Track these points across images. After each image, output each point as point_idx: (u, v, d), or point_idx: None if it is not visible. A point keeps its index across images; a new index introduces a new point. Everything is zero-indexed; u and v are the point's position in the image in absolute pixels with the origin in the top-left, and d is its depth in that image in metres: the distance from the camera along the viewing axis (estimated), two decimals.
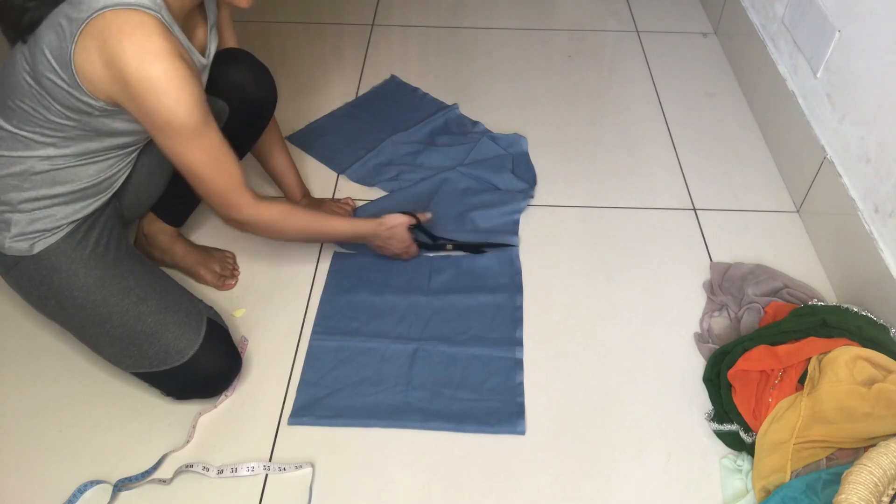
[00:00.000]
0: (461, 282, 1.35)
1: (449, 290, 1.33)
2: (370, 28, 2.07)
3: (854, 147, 1.32)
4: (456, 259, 1.39)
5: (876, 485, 0.83)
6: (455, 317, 1.29)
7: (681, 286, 1.35)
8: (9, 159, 1.00)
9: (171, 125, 0.95)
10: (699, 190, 1.56)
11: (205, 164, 1.02)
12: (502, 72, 1.91)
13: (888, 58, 1.23)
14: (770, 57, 1.67)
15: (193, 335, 1.08)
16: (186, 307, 1.10)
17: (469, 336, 1.25)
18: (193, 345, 1.07)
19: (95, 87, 0.93)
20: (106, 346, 1.08)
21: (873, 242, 1.24)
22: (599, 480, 1.07)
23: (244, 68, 1.25)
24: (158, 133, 0.97)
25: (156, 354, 1.06)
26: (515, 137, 1.66)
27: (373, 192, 1.54)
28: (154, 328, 1.06)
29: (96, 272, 1.06)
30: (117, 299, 1.06)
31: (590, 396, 1.18)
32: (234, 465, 1.07)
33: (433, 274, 1.36)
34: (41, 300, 1.08)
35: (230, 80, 1.22)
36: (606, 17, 2.16)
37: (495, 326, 1.27)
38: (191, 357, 1.06)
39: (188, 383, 1.11)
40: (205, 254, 1.36)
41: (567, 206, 1.52)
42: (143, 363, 1.07)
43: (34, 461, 1.08)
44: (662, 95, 1.83)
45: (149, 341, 1.06)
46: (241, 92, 1.23)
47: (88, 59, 0.90)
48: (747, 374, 1.11)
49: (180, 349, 1.06)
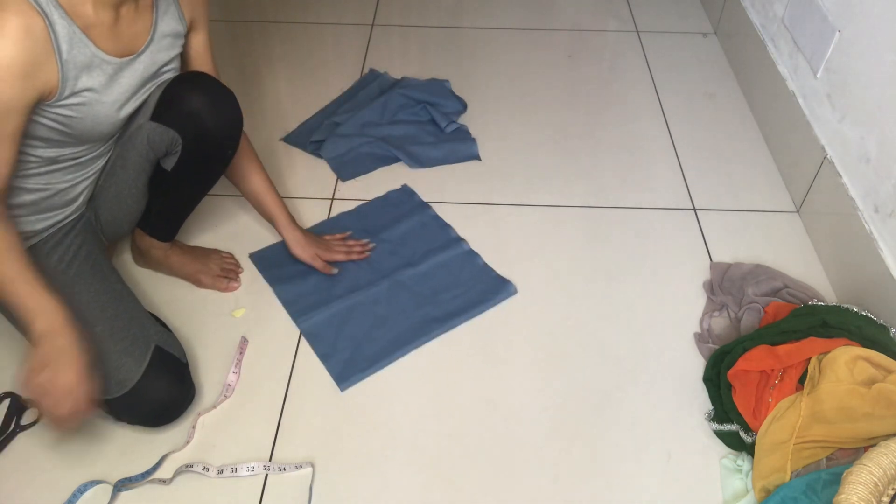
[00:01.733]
0: (376, 224, 1.46)
1: (373, 231, 1.43)
2: (370, 28, 2.07)
3: (854, 147, 1.32)
4: (357, 211, 1.50)
5: (876, 485, 0.83)
6: (397, 248, 1.41)
7: (681, 286, 1.35)
8: None
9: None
10: (699, 190, 1.56)
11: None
12: (502, 72, 1.91)
13: (888, 57, 1.23)
14: (770, 57, 1.67)
15: (135, 365, 1.03)
16: (134, 334, 1.06)
17: (420, 254, 1.39)
18: (134, 375, 1.02)
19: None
20: None
21: (873, 242, 1.24)
22: (600, 481, 1.07)
23: (201, 94, 1.09)
24: None
25: (98, 382, 1.00)
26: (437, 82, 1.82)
27: (372, 190, 1.54)
28: (96, 356, 1.00)
29: (51, 289, 1.00)
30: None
31: (589, 396, 1.18)
32: (234, 465, 1.07)
33: (348, 230, 1.44)
34: (5, 312, 1.06)
35: (184, 108, 1.08)
36: (606, 17, 2.16)
37: (432, 238, 1.42)
38: (132, 388, 1.02)
39: (133, 412, 1.07)
40: (203, 259, 1.34)
41: (567, 205, 1.52)
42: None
43: (34, 461, 1.08)
44: (662, 95, 1.83)
45: (92, 368, 0.99)
46: (197, 122, 1.09)
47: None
48: (747, 374, 1.11)
49: (120, 379, 1.02)
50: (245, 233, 1.44)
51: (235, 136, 1.16)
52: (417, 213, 1.48)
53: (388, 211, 1.49)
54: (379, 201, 1.52)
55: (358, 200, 1.52)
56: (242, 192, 1.31)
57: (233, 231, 1.44)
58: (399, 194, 1.54)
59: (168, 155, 1.14)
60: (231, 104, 1.13)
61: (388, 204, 1.51)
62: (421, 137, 1.67)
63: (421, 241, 1.42)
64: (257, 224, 1.44)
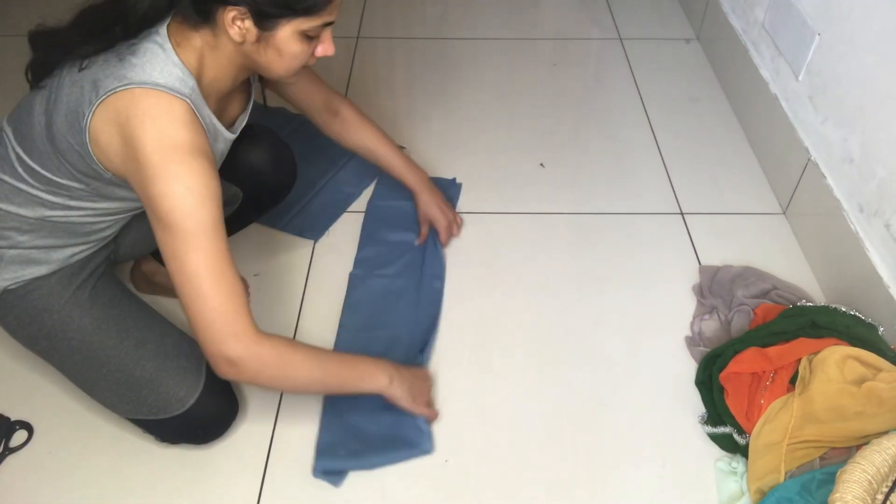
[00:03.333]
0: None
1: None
2: (355, 41, 2.08)
3: (837, 148, 1.34)
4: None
5: (870, 483, 0.84)
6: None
7: (670, 290, 1.36)
8: (7, 214, 0.97)
9: (175, 216, 0.86)
10: (686, 194, 1.57)
11: (204, 271, 0.87)
12: (488, 81, 1.92)
13: (868, 59, 1.25)
14: (752, 61, 1.69)
15: (194, 382, 1.02)
16: (186, 352, 1.05)
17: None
18: (194, 392, 1.02)
19: (108, 159, 0.89)
20: (102, 391, 1.03)
21: (859, 242, 1.25)
22: (595, 487, 1.07)
23: (263, 150, 1.15)
24: (158, 224, 0.88)
25: (154, 402, 1.01)
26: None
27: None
28: (153, 374, 1.01)
29: (92, 313, 1.02)
30: (115, 342, 1.01)
31: (582, 403, 1.18)
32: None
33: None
34: (31, 339, 1.04)
35: (247, 164, 1.13)
36: (589, 25, 2.18)
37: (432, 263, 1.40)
38: (191, 405, 1.02)
39: (186, 431, 1.07)
40: None
41: (555, 213, 1.53)
42: (140, 410, 1.02)
43: (24, 484, 1.06)
44: (647, 101, 1.85)
45: (147, 388, 1.01)
46: (258, 177, 1.15)
47: (106, 130, 0.86)
48: (739, 376, 1.11)
49: (180, 397, 1.01)
50: (246, 251, 1.42)
51: (291, 186, 1.25)
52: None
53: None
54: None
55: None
56: (352, 149, 1.36)
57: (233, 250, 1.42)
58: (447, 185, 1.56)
59: (225, 206, 1.13)
60: (289, 157, 1.20)
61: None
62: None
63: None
64: (259, 242, 1.43)
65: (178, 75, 0.88)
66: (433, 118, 1.79)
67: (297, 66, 0.97)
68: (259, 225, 1.46)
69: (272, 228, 1.46)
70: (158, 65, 0.87)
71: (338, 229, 1.47)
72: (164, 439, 1.09)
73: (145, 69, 0.86)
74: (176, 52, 0.88)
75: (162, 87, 0.86)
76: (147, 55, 0.87)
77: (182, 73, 0.88)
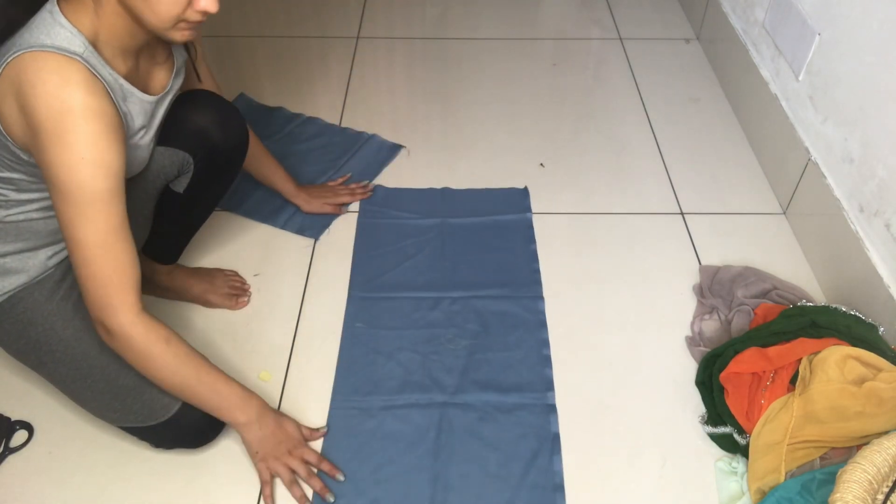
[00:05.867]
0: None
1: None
2: (355, 41, 2.07)
3: (837, 148, 1.34)
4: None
5: (870, 483, 0.84)
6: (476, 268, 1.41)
7: (671, 290, 1.36)
8: None
9: (68, 185, 0.85)
10: (686, 194, 1.57)
11: (93, 244, 0.87)
12: (488, 82, 1.92)
13: (868, 59, 1.25)
14: (752, 61, 1.69)
15: None
16: None
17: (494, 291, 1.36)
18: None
19: (15, 134, 0.87)
20: (90, 401, 1.03)
21: (859, 242, 1.25)
22: (595, 488, 1.07)
23: (208, 111, 1.11)
24: (54, 191, 0.86)
25: (140, 409, 1.01)
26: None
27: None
28: (136, 382, 1.00)
29: (74, 324, 1.01)
30: (96, 352, 1.00)
31: (583, 403, 1.18)
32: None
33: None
34: (21, 353, 1.04)
35: (192, 127, 1.09)
36: (590, 25, 2.18)
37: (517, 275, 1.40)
38: (177, 410, 1.02)
39: (176, 436, 1.06)
40: (208, 279, 1.31)
41: (555, 213, 1.53)
42: (128, 418, 1.02)
43: (24, 485, 1.06)
44: (647, 102, 1.85)
45: (132, 396, 1.01)
46: (206, 139, 1.11)
47: (7, 102, 0.85)
48: (739, 376, 1.11)
49: (165, 403, 1.01)
50: (245, 251, 1.43)
51: (244, 147, 1.19)
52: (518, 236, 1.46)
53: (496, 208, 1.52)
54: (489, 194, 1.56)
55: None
56: (251, 174, 1.39)
57: (233, 250, 1.43)
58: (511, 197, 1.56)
59: (179, 176, 1.13)
60: (236, 116, 1.15)
61: (498, 200, 1.54)
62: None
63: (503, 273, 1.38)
64: (255, 243, 1.43)
65: (65, 35, 0.86)
66: (433, 118, 1.79)
67: (170, 14, 0.89)
68: (259, 224, 1.46)
69: (272, 227, 1.46)
70: (45, 28, 0.86)
71: (338, 228, 1.48)
72: (157, 445, 1.09)
73: (32, 34, 0.86)
74: (63, 14, 0.87)
75: (49, 47, 0.85)
76: (35, 22, 0.87)
77: (71, 32, 0.87)
